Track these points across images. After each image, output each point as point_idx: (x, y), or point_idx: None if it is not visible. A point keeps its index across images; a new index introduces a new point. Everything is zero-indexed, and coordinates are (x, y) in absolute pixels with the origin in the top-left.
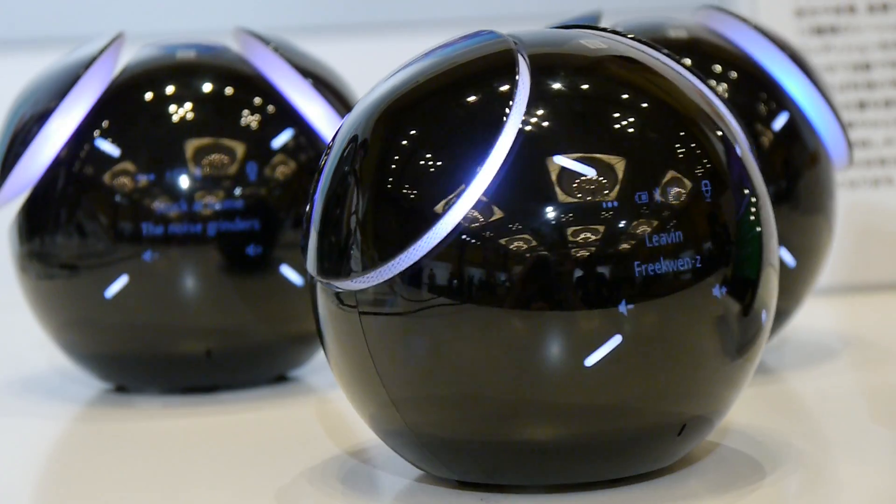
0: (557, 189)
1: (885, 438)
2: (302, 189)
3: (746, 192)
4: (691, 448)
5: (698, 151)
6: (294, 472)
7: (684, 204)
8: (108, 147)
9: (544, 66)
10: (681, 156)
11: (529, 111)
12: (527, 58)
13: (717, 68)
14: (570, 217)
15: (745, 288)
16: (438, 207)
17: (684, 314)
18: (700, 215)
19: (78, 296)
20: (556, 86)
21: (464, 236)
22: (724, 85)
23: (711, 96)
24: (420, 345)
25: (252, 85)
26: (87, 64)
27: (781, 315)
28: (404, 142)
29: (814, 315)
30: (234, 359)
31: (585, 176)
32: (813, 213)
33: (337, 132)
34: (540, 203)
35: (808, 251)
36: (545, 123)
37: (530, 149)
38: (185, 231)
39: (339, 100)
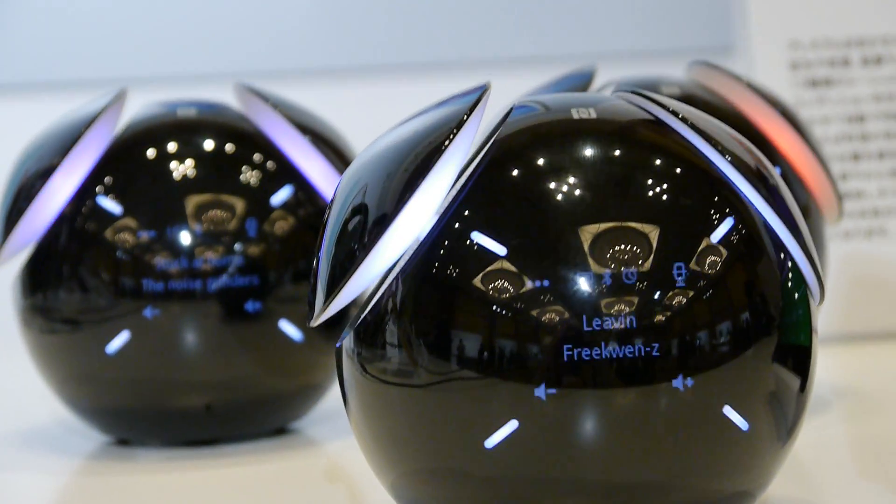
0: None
1: (874, 494)
2: (300, 245)
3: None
4: None
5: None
6: None
7: (723, 274)
8: (109, 204)
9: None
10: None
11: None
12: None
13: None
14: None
15: (797, 358)
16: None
17: (731, 391)
18: (741, 288)
19: (80, 351)
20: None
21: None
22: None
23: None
24: (441, 418)
25: (252, 142)
26: (90, 121)
27: None
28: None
29: None
30: (234, 412)
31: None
32: None
33: (336, 190)
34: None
35: None
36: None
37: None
38: (185, 287)
39: (337, 156)
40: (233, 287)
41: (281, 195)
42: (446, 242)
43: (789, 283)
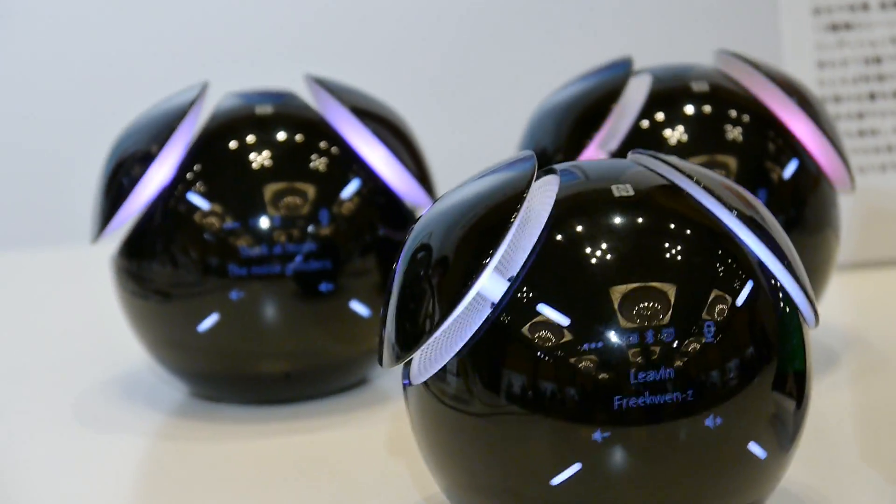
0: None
1: (873, 484)
2: (368, 227)
3: (779, 293)
4: None
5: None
6: None
7: (726, 321)
8: (198, 193)
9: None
10: (719, 276)
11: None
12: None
13: (733, 113)
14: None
15: (795, 382)
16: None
17: (738, 422)
18: (743, 328)
19: (170, 322)
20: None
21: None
22: (739, 128)
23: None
24: (486, 442)
25: (320, 132)
26: (184, 112)
27: None
28: (451, 244)
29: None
30: (310, 377)
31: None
32: (821, 230)
33: (407, 239)
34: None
35: (819, 264)
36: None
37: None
38: (266, 272)
39: (399, 140)
40: (308, 270)
41: (348, 184)
42: (515, 311)
43: (786, 318)
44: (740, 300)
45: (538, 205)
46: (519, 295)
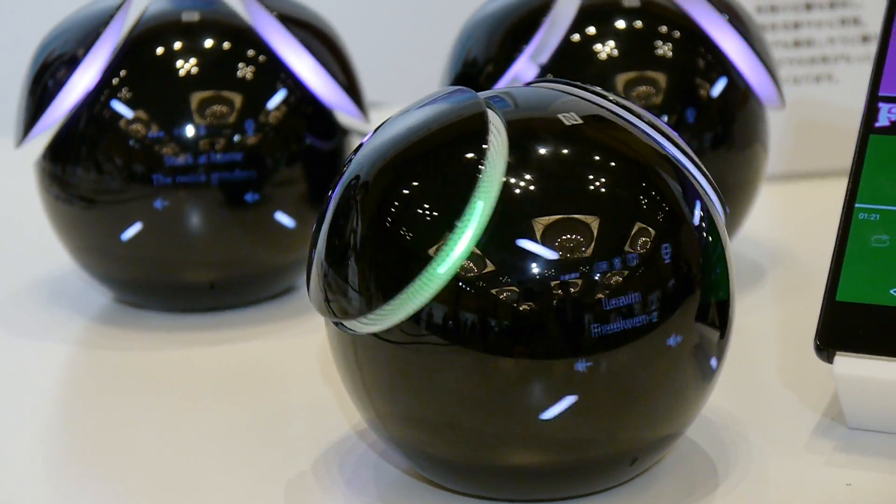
0: (538, 247)
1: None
2: (294, 137)
3: (704, 225)
4: (660, 457)
5: (659, 200)
6: (301, 460)
7: (650, 254)
8: (123, 99)
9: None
10: (645, 208)
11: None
12: (501, 117)
13: (663, 29)
14: (552, 272)
15: (718, 312)
16: (431, 251)
17: (654, 357)
18: (664, 262)
19: (94, 229)
20: (530, 147)
21: (459, 283)
22: (669, 45)
23: (669, 146)
24: (407, 375)
25: (247, 39)
26: (111, 15)
27: None
28: (403, 191)
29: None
30: (235, 286)
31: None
32: (750, 145)
33: (339, 178)
34: (516, 261)
35: (748, 179)
36: (521, 182)
37: (509, 208)
38: (191, 180)
39: (328, 49)
40: (234, 180)
41: (274, 94)
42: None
43: (709, 244)
44: (664, 236)
45: (494, 148)
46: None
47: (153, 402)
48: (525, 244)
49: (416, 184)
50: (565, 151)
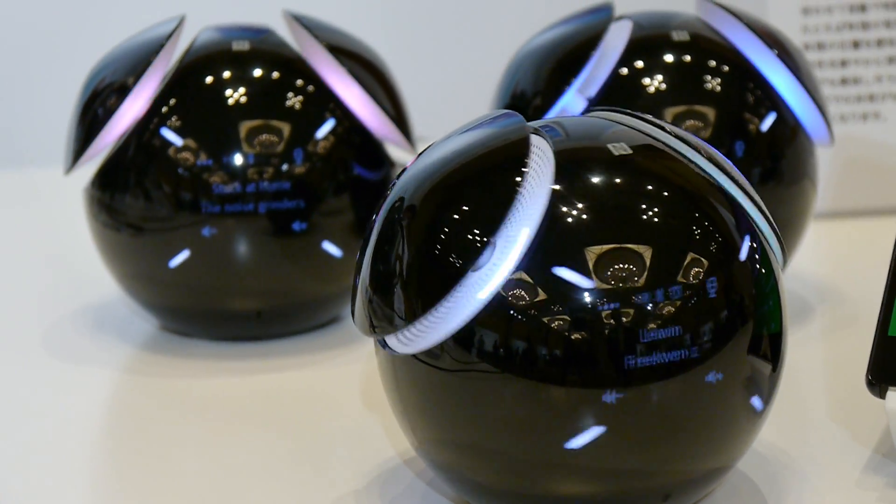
0: (583, 276)
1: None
2: (342, 166)
3: (756, 257)
4: (706, 492)
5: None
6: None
7: (702, 282)
8: (170, 130)
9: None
10: (691, 238)
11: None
12: (549, 141)
13: (712, 63)
14: (588, 301)
15: (770, 345)
16: (469, 270)
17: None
18: (721, 293)
19: (141, 257)
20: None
21: (497, 306)
22: (718, 79)
23: (724, 178)
24: (445, 398)
25: (296, 70)
26: (161, 45)
27: None
28: (445, 212)
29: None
30: (282, 315)
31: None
32: (799, 181)
33: (384, 201)
34: (557, 288)
35: (796, 215)
36: (564, 207)
37: (552, 232)
38: (239, 209)
39: (376, 79)
40: (281, 209)
41: (323, 123)
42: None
43: (762, 277)
44: (724, 260)
45: (537, 171)
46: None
47: (196, 430)
48: (564, 272)
49: (456, 205)
50: (614, 180)
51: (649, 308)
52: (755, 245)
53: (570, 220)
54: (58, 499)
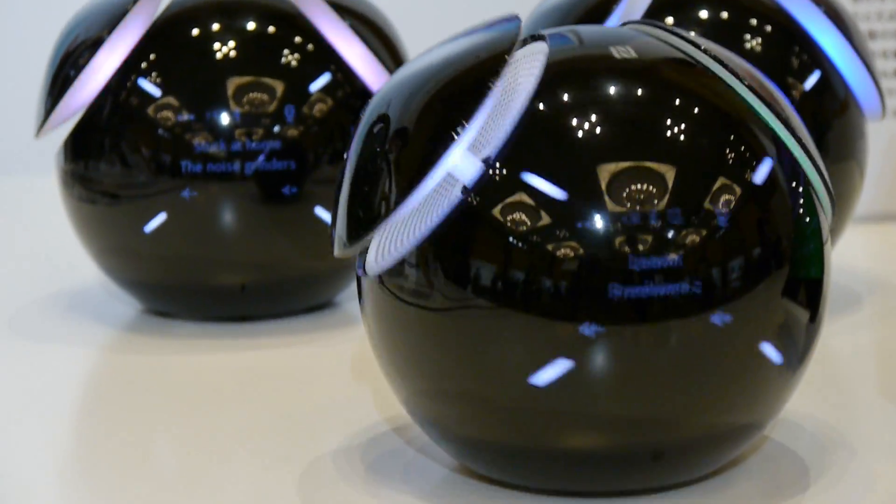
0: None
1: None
2: (339, 130)
3: (798, 187)
4: (740, 452)
5: (749, 156)
6: (324, 446)
7: (736, 212)
8: (150, 83)
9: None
10: (732, 162)
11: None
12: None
13: (753, 22)
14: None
15: (809, 290)
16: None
17: (736, 327)
18: (753, 223)
19: (117, 225)
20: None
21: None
22: (758, 38)
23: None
24: (454, 342)
25: (293, 24)
26: None
27: None
28: (424, 114)
29: (842, 245)
30: (269, 291)
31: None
32: (845, 160)
33: (363, 113)
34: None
35: (840, 196)
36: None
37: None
38: (223, 169)
39: (380, 39)
40: (270, 170)
41: (320, 79)
42: (491, 184)
43: (802, 215)
44: (749, 189)
45: (523, 71)
46: (494, 175)
47: (176, 405)
48: (536, 180)
49: (431, 105)
50: (610, 86)
51: (640, 231)
52: (795, 183)
53: (551, 120)
54: (37, 477)
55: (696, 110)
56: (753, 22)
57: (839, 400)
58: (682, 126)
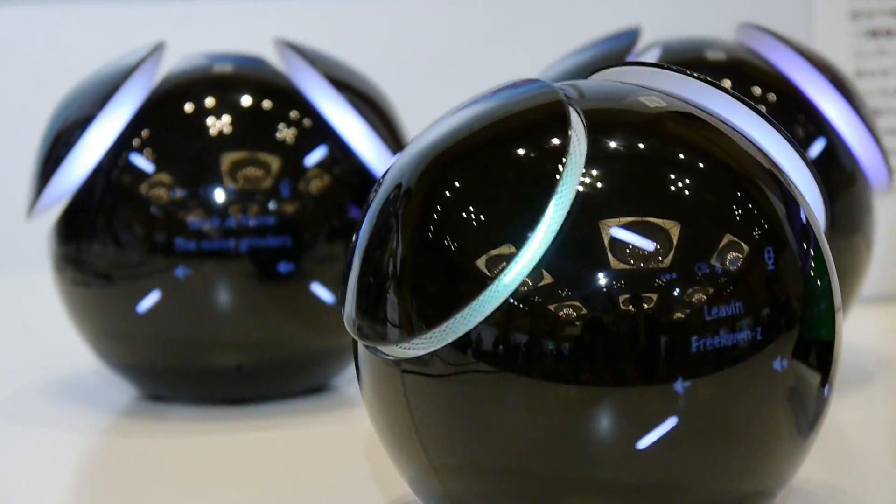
0: (612, 257)
1: None
2: (335, 205)
3: (809, 249)
4: None
5: (757, 213)
6: None
7: (744, 271)
8: (144, 159)
9: (599, 123)
10: (740, 219)
11: (586, 172)
12: (581, 114)
13: (756, 91)
14: (625, 286)
15: (818, 353)
16: (490, 272)
17: (747, 391)
18: (762, 281)
19: (111, 307)
20: (613, 146)
21: (514, 301)
22: (763, 108)
23: (767, 145)
24: (464, 412)
25: (288, 99)
26: (128, 73)
27: None
28: (453, 197)
29: (852, 324)
30: (265, 372)
31: (642, 246)
32: (851, 234)
33: (382, 179)
34: (594, 271)
35: (846, 271)
36: (601, 185)
37: (586, 214)
38: (218, 247)
39: (377, 114)
40: (266, 247)
41: (316, 154)
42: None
43: (812, 276)
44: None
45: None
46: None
47: (173, 489)
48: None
49: (471, 188)
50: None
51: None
52: (805, 245)
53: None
54: None
55: (702, 165)
56: (758, 91)
57: (851, 468)
58: (687, 182)
